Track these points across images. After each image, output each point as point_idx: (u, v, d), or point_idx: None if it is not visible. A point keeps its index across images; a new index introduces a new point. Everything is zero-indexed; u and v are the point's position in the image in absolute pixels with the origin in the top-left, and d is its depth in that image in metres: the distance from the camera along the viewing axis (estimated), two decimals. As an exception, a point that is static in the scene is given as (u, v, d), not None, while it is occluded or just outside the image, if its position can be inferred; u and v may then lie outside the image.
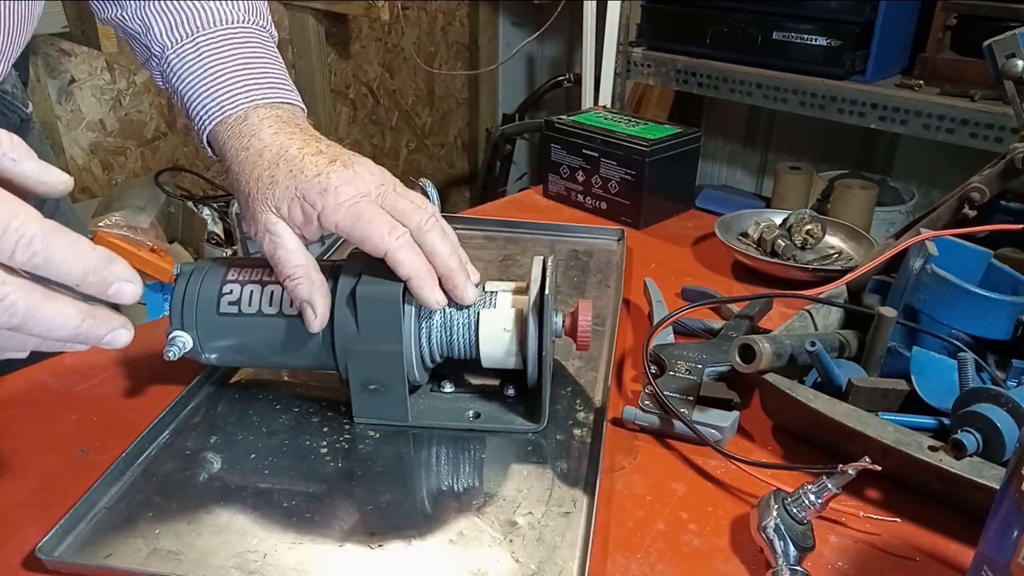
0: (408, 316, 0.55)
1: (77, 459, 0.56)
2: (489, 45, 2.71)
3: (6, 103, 0.71)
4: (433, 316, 0.57)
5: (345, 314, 0.54)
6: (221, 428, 0.58)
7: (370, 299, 0.53)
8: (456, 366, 0.62)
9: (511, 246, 0.90)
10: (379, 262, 0.53)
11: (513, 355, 0.57)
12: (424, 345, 0.57)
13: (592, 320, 0.58)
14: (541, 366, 0.56)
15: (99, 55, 1.87)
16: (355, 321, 0.54)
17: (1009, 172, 0.65)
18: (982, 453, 0.49)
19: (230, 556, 0.47)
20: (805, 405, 0.54)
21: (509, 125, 2.45)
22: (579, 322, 0.57)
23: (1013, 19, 1.23)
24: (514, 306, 0.57)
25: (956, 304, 0.60)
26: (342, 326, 0.54)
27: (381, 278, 0.53)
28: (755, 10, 1.52)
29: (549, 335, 0.54)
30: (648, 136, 0.96)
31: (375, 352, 0.55)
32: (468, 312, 0.57)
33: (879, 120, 1.40)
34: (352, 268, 0.55)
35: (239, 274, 0.57)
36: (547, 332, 0.54)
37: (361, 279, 0.54)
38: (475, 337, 0.57)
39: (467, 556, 0.47)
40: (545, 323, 0.54)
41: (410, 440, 0.57)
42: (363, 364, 0.56)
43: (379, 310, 0.53)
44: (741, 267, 0.87)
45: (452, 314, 0.57)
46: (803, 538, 0.46)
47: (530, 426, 0.58)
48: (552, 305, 0.55)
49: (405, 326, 0.54)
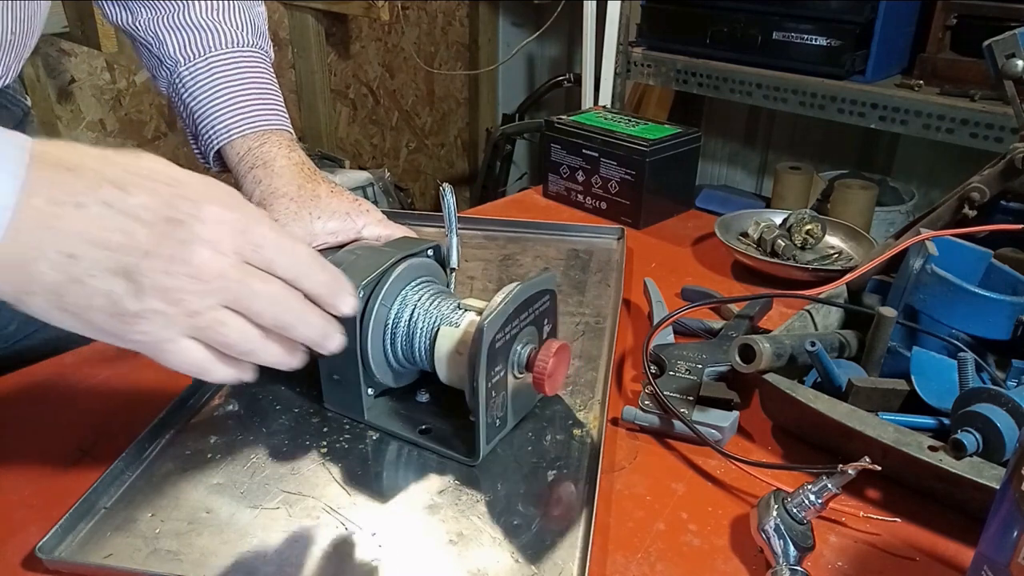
0: (370, 315, 0.54)
1: (77, 459, 0.56)
2: (489, 45, 2.71)
3: (8, 97, 0.72)
4: (401, 319, 0.56)
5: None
6: (221, 428, 0.58)
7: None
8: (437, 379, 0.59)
9: (511, 246, 0.90)
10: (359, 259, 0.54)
11: (463, 378, 0.54)
12: (388, 347, 0.57)
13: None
14: (476, 397, 0.52)
15: (99, 55, 1.87)
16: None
17: (1009, 172, 0.65)
18: (982, 453, 0.49)
19: (230, 556, 0.47)
20: (805, 405, 0.54)
21: (509, 125, 2.45)
22: (537, 361, 0.54)
23: (1013, 19, 1.23)
24: (469, 328, 0.54)
25: (956, 304, 0.60)
26: None
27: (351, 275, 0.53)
28: (755, 10, 1.52)
29: (484, 366, 0.50)
30: (648, 136, 0.96)
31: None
32: (431, 324, 0.56)
33: (879, 120, 1.40)
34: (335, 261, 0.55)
35: None
36: (481, 362, 0.50)
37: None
38: (431, 351, 0.55)
39: (467, 556, 0.47)
40: (481, 352, 0.50)
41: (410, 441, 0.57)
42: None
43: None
44: (741, 267, 0.87)
45: (417, 322, 0.56)
46: (803, 538, 0.46)
47: (465, 459, 0.55)
48: (490, 338, 0.50)
49: (364, 323, 0.54)
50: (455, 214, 0.60)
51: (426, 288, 0.58)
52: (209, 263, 0.40)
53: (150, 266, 0.39)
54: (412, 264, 0.58)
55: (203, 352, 0.43)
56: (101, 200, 0.38)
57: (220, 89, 0.67)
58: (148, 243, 0.39)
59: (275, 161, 0.65)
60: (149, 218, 0.39)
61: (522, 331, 0.54)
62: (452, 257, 0.61)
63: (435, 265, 0.61)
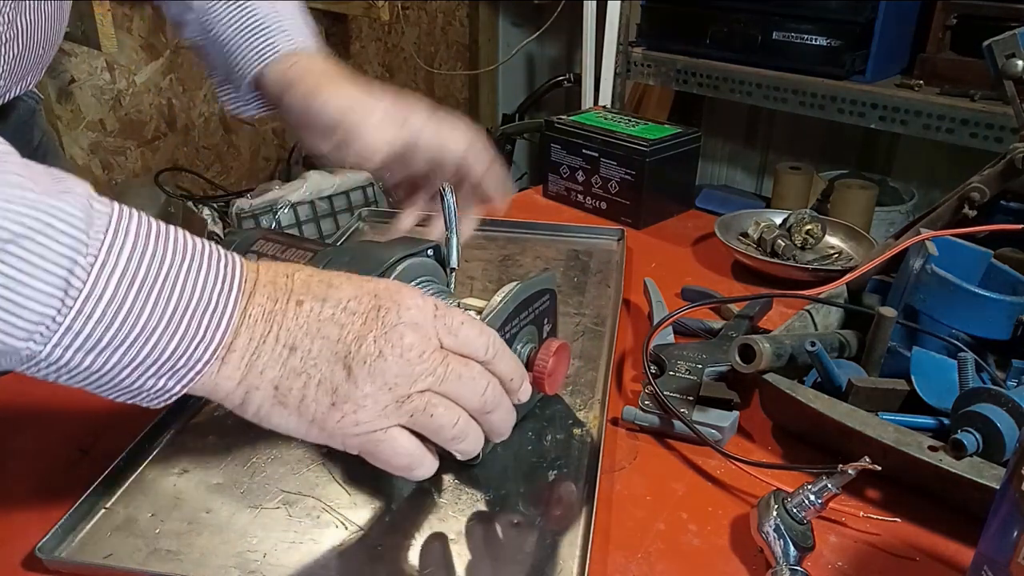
0: None
1: (77, 459, 0.56)
2: (489, 45, 2.71)
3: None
4: None
5: None
6: (221, 428, 0.58)
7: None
8: None
9: (511, 246, 0.90)
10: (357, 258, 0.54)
11: None
12: None
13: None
14: None
15: (99, 55, 1.87)
16: None
17: (1009, 172, 0.65)
18: (982, 453, 0.49)
19: (230, 556, 0.47)
20: (805, 405, 0.54)
21: (509, 125, 2.45)
22: (536, 360, 0.54)
23: (1013, 19, 1.23)
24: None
25: (956, 304, 0.60)
26: None
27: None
28: (755, 10, 1.52)
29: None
30: (648, 136, 0.96)
31: None
32: None
33: (879, 120, 1.40)
34: (336, 261, 0.55)
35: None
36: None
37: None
38: None
39: (467, 556, 0.47)
40: None
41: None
42: None
43: None
44: (741, 267, 0.87)
45: None
46: (803, 538, 0.46)
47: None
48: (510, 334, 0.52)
49: None
50: (455, 214, 0.60)
51: (426, 288, 0.58)
52: (416, 344, 0.41)
53: (365, 352, 0.41)
54: (412, 264, 0.58)
55: (414, 442, 0.43)
56: (316, 296, 0.41)
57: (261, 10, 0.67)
58: (360, 330, 0.41)
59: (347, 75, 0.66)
60: (359, 308, 0.42)
61: (522, 330, 0.54)
62: (452, 257, 0.61)
63: (435, 265, 0.61)
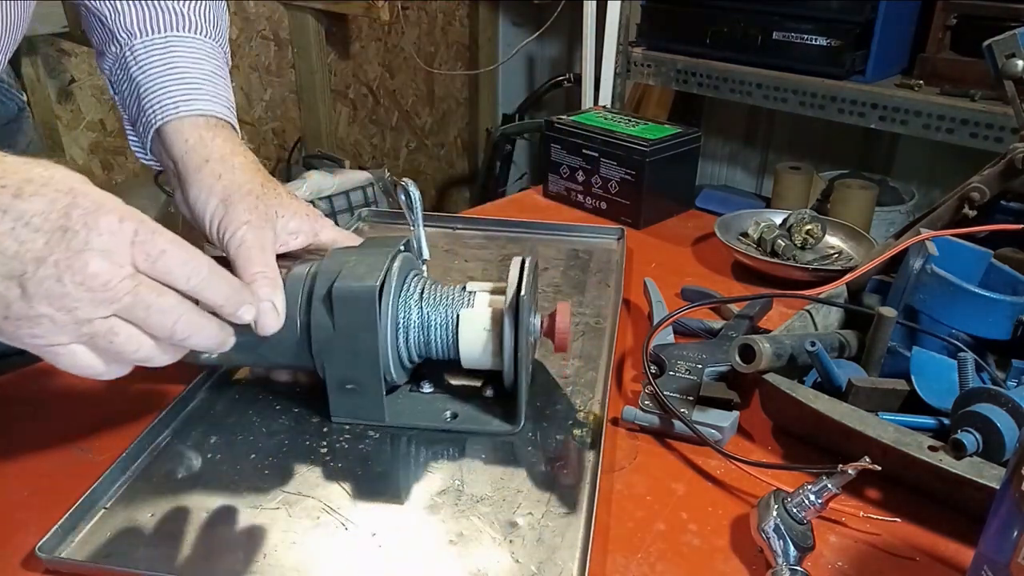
0: (384, 315, 0.55)
1: (77, 459, 0.56)
2: (489, 45, 2.71)
3: (2, 91, 0.72)
4: (411, 315, 0.57)
5: (321, 313, 0.54)
6: (221, 428, 0.58)
7: (346, 298, 0.53)
8: (437, 366, 0.62)
9: (511, 246, 0.90)
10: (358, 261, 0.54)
11: (491, 355, 0.57)
12: (401, 345, 0.57)
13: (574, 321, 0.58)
14: (517, 367, 0.55)
15: (99, 55, 1.87)
16: (331, 320, 0.54)
17: (1009, 172, 0.65)
18: (982, 453, 0.49)
19: (230, 556, 0.47)
20: (805, 405, 0.54)
21: (509, 125, 2.45)
22: (557, 323, 0.57)
23: (1013, 19, 1.23)
24: (491, 306, 0.57)
25: (956, 304, 0.60)
26: (318, 325, 0.54)
27: (358, 276, 0.53)
28: (755, 10, 1.52)
29: (525, 336, 0.54)
30: (648, 136, 0.96)
31: (351, 351, 0.55)
32: (446, 312, 0.57)
33: (879, 120, 1.40)
34: (330, 266, 0.55)
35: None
36: (523, 332, 0.54)
37: (338, 277, 0.54)
38: (454, 337, 0.57)
39: (467, 556, 0.47)
40: (521, 323, 0.53)
41: (410, 440, 0.57)
42: (339, 363, 0.56)
43: (355, 309, 0.53)
44: (741, 267, 0.87)
45: (429, 314, 0.57)
46: (803, 538, 0.46)
47: (507, 427, 0.57)
48: (529, 306, 0.54)
49: (381, 325, 0.54)
50: (420, 207, 0.62)
51: (418, 281, 0.59)
52: (101, 273, 0.41)
53: (43, 274, 0.40)
54: (406, 255, 0.58)
55: (93, 358, 0.44)
56: None
57: (176, 66, 0.63)
58: (42, 251, 0.40)
59: (234, 157, 0.62)
60: (44, 226, 0.40)
61: (534, 300, 0.57)
62: (423, 249, 0.63)
63: (413, 258, 0.62)
